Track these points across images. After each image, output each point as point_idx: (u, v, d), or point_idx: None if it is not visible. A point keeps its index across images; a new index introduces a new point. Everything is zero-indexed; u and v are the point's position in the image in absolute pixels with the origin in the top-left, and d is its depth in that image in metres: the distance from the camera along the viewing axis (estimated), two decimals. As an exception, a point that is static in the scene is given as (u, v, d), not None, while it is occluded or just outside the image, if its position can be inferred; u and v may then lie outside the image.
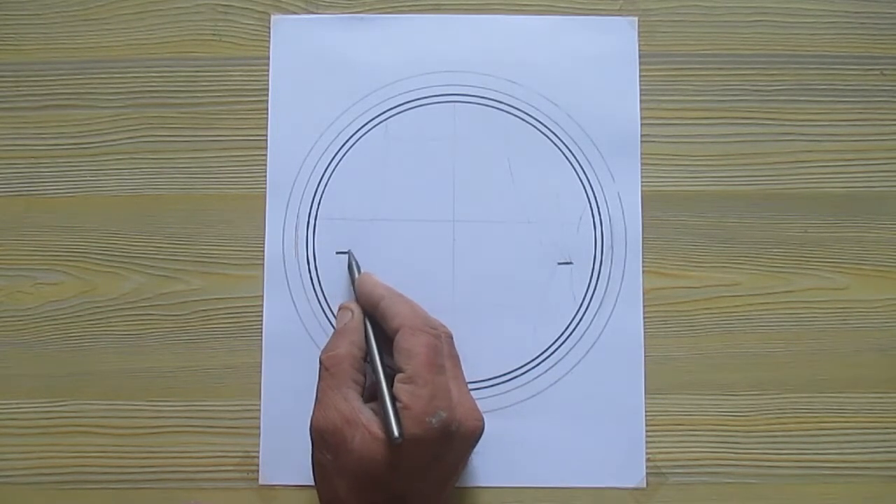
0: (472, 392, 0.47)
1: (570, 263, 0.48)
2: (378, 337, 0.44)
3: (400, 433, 0.40)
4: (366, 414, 0.41)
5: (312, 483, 0.46)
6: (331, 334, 0.46)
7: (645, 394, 0.47)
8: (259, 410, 0.47)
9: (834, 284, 0.48)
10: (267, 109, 0.49)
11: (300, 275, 0.48)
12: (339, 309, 0.46)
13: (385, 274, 0.48)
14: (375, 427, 0.41)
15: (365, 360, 0.44)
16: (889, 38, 0.49)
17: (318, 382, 0.43)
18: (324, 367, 0.42)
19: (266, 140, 0.49)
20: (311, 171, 0.48)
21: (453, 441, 0.41)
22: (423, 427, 0.40)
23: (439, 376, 0.41)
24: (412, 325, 0.42)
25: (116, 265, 0.48)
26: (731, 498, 0.46)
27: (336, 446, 0.41)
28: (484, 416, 0.45)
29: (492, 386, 0.47)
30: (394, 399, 0.41)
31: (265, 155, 0.49)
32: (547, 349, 0.47)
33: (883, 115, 0.49)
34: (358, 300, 0.45)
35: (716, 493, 0.46)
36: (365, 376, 0.43)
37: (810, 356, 0.47)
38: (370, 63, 0.49)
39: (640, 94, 0.49)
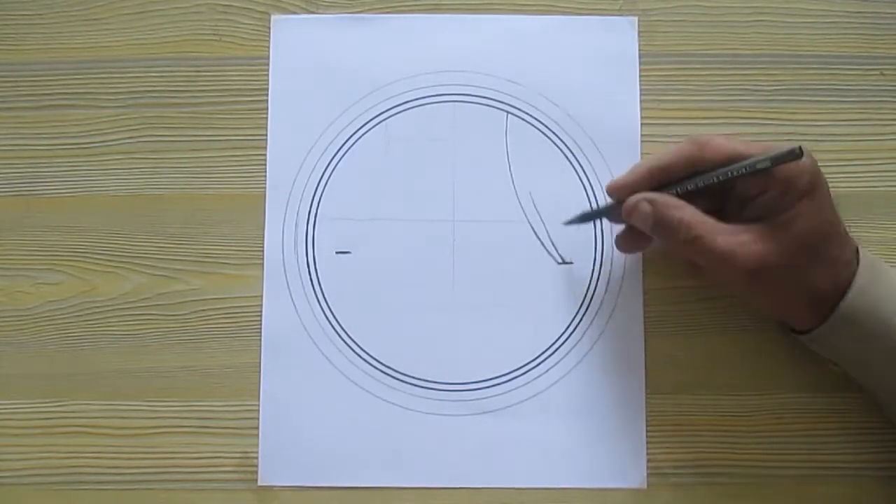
0: (470, 392, 0.47)
1: (570, 263, 0.48)
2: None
3: (800, 147, 0.40)
4: (745, 227, 0.41)
5: (311, 483, 0.46)
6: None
7: (645, 394, 0.47)
8: (258, 411, 0.47)
9: (834, 284, 0.48)
10: (267, 109, 0.49)
11: (300, 275, 0.48)
12: (632, 209, 0.43)
13: (385, 274, 0.48)
14: (772, 221, 0.41)
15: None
16: (889, 38, 0.49)
17: (703, 249, 0.41)
18: (695, 237, 0.41)
19: (266, 140, 0.49)
20: (310, 171, 0.48)
21: (820, 170, 0.42)
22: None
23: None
24: (698, 140, 0.43)
25: (116, 265, 0.48)
26: (731, 498, 0.46)
27: (771, 271, 0.41)
28: (484, 415, 0.45)
29: (492, 386, 0.47)
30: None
31: (265, 155, 0.49)
32: (547, 349, 0.47)
33: (883, 115, 0.49)
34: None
35: (717, 494, 0.46)
36: None
37: (810, 356, 0.46)
38: (370, 63, 0.49)
39: (640, 94, 0.49)
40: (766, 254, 0.40)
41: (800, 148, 0.40)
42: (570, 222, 0.46)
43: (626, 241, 0.46)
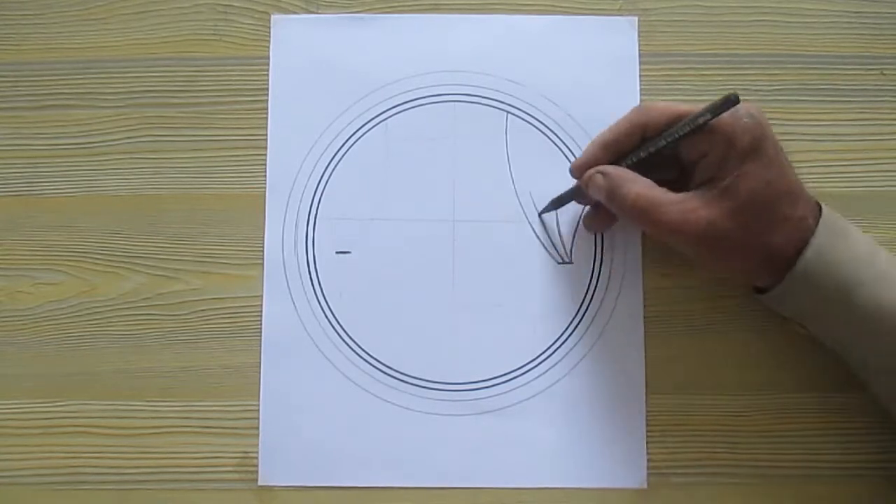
0: (470, 392, 0.47)
1: (570, 263, 0.48)
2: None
3: (734, 94, 0.40)
4: (693, 193, 0.42)
5: (311, 483, 0.46)
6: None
7: (645, 394, 0.47)
8: (258, 411, 0.47)
9: (834, 284, 0.48)
10: (267, 109, 0.49)
11: (300, 275, 0.48)
12: (587, 182, 0.44)
13: (385, 273, 0.48)
14: (719, 184, 0.41)
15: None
16: (889, 38, 0.49)
17: (651, 221, 0.42)
18: (642, 209, 0.42)
19: (266, 140, 0.49)
20: (310, 171, 0.49)
21: (767, 127, 0.42)
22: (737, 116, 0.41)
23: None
24: (641, 107, 0.44)
25: (116, 265, 0.48)
26: (731, 498, 0.46)
27: (722, 236, 0.41)
28: (484, 415, 0.45)
29: (492, 386, 0.47)
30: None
31: (265, 155, 0.49)
32: (547, 349, 0.47)
33: (883, 115, 0.49)
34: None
35: (716, 494, 0.46)
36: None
37: (810, 356, 0.47)
38: (370, 63, 0.49)
39: (640, 94, 0.49)
40: (714, 219, 0.40)
41: (735, 95, 0.40)
42: (545, 210, 0.48)
43: (594, 221, 0.47)
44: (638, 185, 0.42)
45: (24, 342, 0.48)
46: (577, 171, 0.45)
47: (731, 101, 0.40)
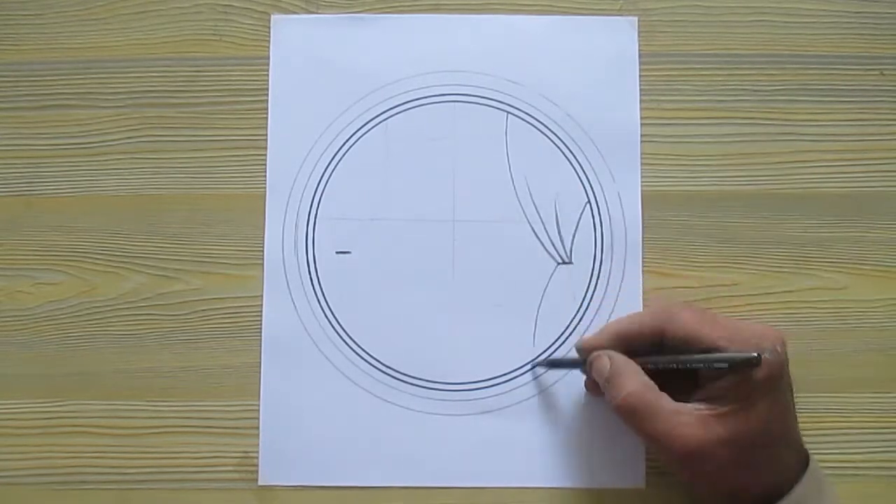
0: (470, 392, 0.47)
1: (570, 263, 0.48)
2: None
3: (758, 353, 0.39)
4: (692, 408, 0.41)
5: (312, 483, 0.46)
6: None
7: (645, 394, 0.47)
8: (258, 411, 0.47)
9: (834, 284, 0.48)
10: (267, 109, 0.49)
11: (300, 275, 0.48)
12: (592, 361, 0.44)
13: (385, 274, 0.48)
14: (720, 408, 0.40)
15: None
16: (889, 38, 0.49)
17: (638, 425, 0.41)
18: (632, 409, 0.41)
19: (266, 140, 0.49)
20: (311, 171, 0.49)
21: (784, 367, 0.41)
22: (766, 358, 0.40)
23: (727, 321, 0.42)
24: (666, 311, 0.43)
25: (116, 265, 0.48)
26: (731, 498, 0.46)
27: (705, 460, 0.40)
28: (484, 415, 0.45)
29: (492, 386, 0.47)
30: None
31: (265, 155, 0.49)
32: (547, 349, 0.47)
33: (883, 115, 0.49)
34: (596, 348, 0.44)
35: (716, 494, 0.46)
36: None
37: (810, 356, 0.47)
38: (370, 63, 0.49)
39: (640, 94, 0.49)
40: (704, 442, 0.40)
41: (758, 356, 0.39)
42: (538, 365, 0.47)
43: (594, 387, 0.45)
44: (633, 383, 0.42)
45: (24, 342, 0.48)
46: (584, 351, 0.45)
47: (752, 362, 0.40)
